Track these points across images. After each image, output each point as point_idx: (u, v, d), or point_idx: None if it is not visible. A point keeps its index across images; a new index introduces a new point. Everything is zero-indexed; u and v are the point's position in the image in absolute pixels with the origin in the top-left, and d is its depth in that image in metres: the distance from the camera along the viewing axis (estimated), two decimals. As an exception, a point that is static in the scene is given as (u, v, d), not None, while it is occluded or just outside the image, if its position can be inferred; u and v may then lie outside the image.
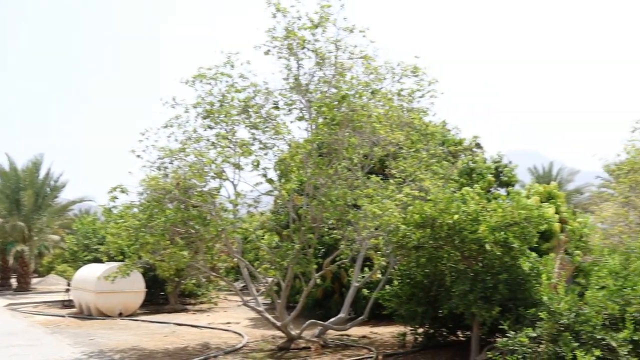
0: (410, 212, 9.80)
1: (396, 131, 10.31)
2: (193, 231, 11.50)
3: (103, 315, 17.63)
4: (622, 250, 10.01)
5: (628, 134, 13.69)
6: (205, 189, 11.48)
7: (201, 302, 21.10)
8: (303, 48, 11.13)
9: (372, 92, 10.89)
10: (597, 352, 7.33)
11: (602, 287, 8.46)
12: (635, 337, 7.64)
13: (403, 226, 9.72)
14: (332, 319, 12.78)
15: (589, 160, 15.77)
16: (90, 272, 18.63)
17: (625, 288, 8.21)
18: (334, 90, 10.89)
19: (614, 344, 7.52)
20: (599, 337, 7.64)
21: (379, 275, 13.12)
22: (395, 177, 11.86)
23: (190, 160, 11.48)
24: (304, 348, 12.08)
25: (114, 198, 11.59)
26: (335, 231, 11.77)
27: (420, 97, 12.26)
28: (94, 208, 33.83)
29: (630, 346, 7.58)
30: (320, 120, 10.67)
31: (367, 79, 11.18)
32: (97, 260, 19.44)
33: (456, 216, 9.10)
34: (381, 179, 11.98)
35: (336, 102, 10.09)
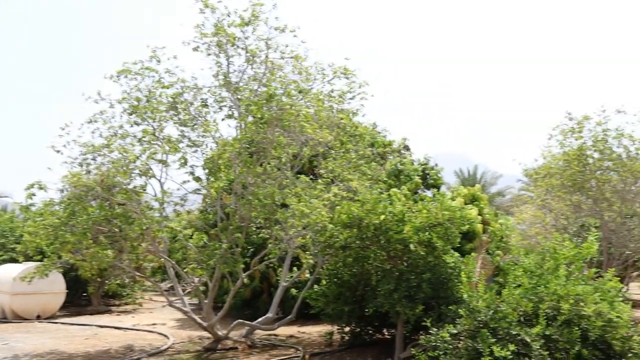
0: (337, 212, 9.91)
1: (324, 131, 10.38)
2: (117, 230, 11.14)
3: (19, 318, 16.75)
4: (539, 250, 10.51)
5: (545, 140, 14.40)
6: (130, 187, 11.15)
7: (126, 303, 20.48)
8: (233, 45, 11.03)
9: (300, 91, 10.90)
10: (512, 347, 7.66)
11: (519, 286, 8.86)
12: (547, 332, 8.05)
13: (330, 226, 9.81)
14: (260, 319, 12.74)
15: (511, 164, 16.49)
16: (5, 273, 17.65)
17: (539, 286, 8.62)
18: (264, 88, 10.85)
19: (527, 339, 7.88)
20: (514, 332, 7.99)
21: (308, 275, 13.20)
22: (324, 177, 11.95)
23: (114, 157, 11.12)
24: (231, 348, 11.98)
25: (32, 195, 11.05)
26: (263, 230, 11.74)
27: (351, 98, 12.39)
28: (11, 205, 32.20)
29: (543, 341, 7.97)
30: (250, 119, 10.61)
31: (297, 78, 11.20)
32: (13, 260, 18.49)
33: (382, 217, 9.27)
34: (310, 179, 12.05)
35: (265, 101, 10.05)
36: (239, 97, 11.09)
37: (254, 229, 12.30)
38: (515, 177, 31.37)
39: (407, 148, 17.70)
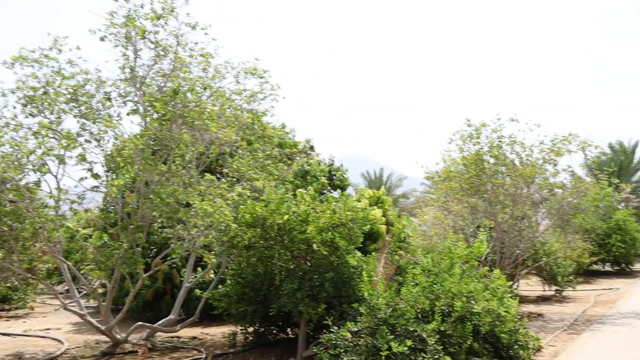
0: (242, 212, 9.85)
1: (229, 130, 10.28)
2: (6, 229, 10.46)
3: None
4: (438, 250, 11.00)
5: (446, 145, 15.05)
6: (23, 183, 10.50)
7: (17, 308, 19.23)
8: (143, 38, 10.68)
9: (205, 88, 10.72)
10: (409, 343, 7.96)
11: (417, 284, 9.24)
12: (442, 328, 8.44)
13: (234, 225, 9.74)
14: (162, 321, 12.42)
15: (415, 167, 17.10)
16: None
17: (435, 284, 9.03)
18: (171, 84, 10.58)
19: (424, 334, 8.23)
20: (411, 329, 8.31)
21: (212, 275, 13.01)
22: (229, 177, 11.85)
23: (5, 151, 10.42)
24: (131, 352, 11.58)
25: None
26: (165, 230, 11.45)
27: (262, 99, 12.36)
28: None
29: (438, 336, 8.35)
30: (154, 115, 10.31)
31: (205, 75, 11.01)
32: None
33: (286, 216, 9.33)
34: (217, 178, 11.89)
35: (169, 97, 9.79)
36: (145, 92, 10.75)
37: (156, 228, 11.96)
38: (420, 179, 32.55)
39: (312, 148, 17.89)
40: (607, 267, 28.80)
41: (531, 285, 21.72)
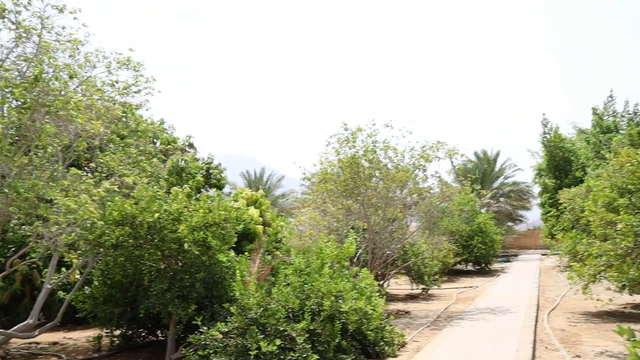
0: (110, 209, 9.39)
1: (97, 122, 9.72)
2: None
3: None
4: (312, 250, 11.19)
5: (323, 147, 15.36)
6: None
7: None
8: (1, 17, 9.81)
9: (72, 76, 10.08)
10: (278, 342, 8.03)
11: (288, 284, 9.35)
12: (312, 327, 8.60)
13: (101, 223, 9.25)
14: (18, 326, 11.49)
15: (296, 168, 17.26)
16: None
17: (306, 284, 9.18)
18: (33, 70, 9.80)
19: (293, 334, 8.34)
20: (281, 328, 8.38)
21: (78, 276, 12.27)
22: (98, 172, 11.24)
23: None
24: (-21, 361, 10.66)
25: None
26: (24, 227, 10.62)
27: (136, 92, 11.84)
28: None
29: (307, 335, 8.49)
30: (14, 102, 9.50)
31: (73, 62, 10.34)
32: None
33: (157, 215, 9.03)
34: (85, 173, 11.22)
35: (30, 84, 9.07)
36: (2, 76, 9.87)
37: (13, 225, 11.05)
38: (300, 180, 32.94)
39: (191, 146, 17.53)
40: (470, 267, 30.90)
41: (400, 285, 22.79)
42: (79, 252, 10.88)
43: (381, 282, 18.07)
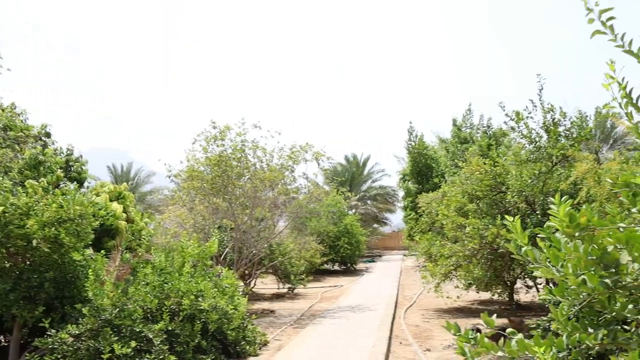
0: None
1: None
2: None
3: None
4: (176, 249, 10.88)
5: (190, 145, 15.04)
6: None
7: None
8: None
9: None
10: (134, 344, 7.73)
11: (148, 283, 9.03)
12: (170, 327, 8.38)
13: None
14: None
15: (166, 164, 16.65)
16: None
17: (166, 283, 8.93)
18: None
19: (150, 335, 8.07)
20: (138, 329, 8.08)
21: None
22: None
23: None
24: None
25: None
26: None
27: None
28: None
29: (165, 336, 8.25)
30: None
31: None
32: None
33: (2, 208, 8.31)
34: None
35: None
36: None
37: None
38: (166, 177, 31.95)
39: (48, 135, 16.31)
40: (336, 267, 31.82)
41: (267, 284, 22.92)
42: None
43: (248, 281, 18.06)
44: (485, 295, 16.47)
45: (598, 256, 2.65)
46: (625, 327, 2.86)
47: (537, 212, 11.56)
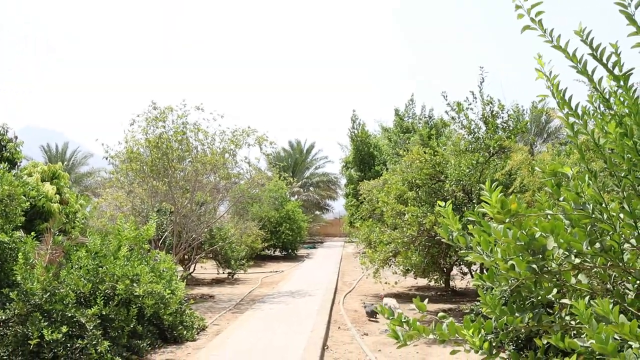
0: None
1: None
2: None
3: None
4: (112, 232, 10.59)
5: (128, 125, 14.59)
6: None
7: None
8: None
9: None
10: (65, 329, 7.50)
11: (82, 267, 8.76)
12: (104, 312, 8.17)
13: None
14: None
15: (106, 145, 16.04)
16: None
17: (101, 267, 8.69)
18: None
19: (83, 320, 7.84)
20: (69, 314, 7.84)
21: None
22: None
23: None
24: None
25: None
26: None
27: None
28: None
29: (99, 321, 8.05)
30: None
31: None
32: None
33: None
34: None
35: None
36: None
37: None
38: (104, 159, 31.01)
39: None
40: (277, 252, 31.84)
41: (207, 269, 22.69)
42: None
43: (187, 266, 17.82)
44: (423, 282, 16.88)
45: (526, 242, 2.74)
46: (549, 310, 2.98)
47: (474, 201, 11.90)
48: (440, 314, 3.09)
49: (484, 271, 3.16)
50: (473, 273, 14.44)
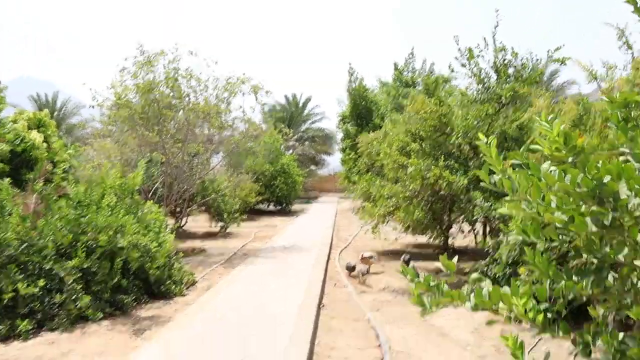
0: None
1: None
2: None
3: None
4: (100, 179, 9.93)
5: (117, 71, 13.71)
6: None
7: None
8: None
9: None
10: (42, 283, 6.97)
11: (63, 217, 8.16)
12: (86, 265, 7.63)
13: None
14: None
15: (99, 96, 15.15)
16: None
17: (83, 217, 8.10)
18: None
19: (62, 273, 7.31)
20: (47, 267, 7.30)
21: None
22: None
23: None
24: None
25: None
26: None
27: None
28: None
29: (80, 274, 7.52)
30: None
31: None
32: None
33: None
34: None
35: None
36: None
37: None
38: (92, 107, 30.12)
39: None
40: (271, 207, 31.35)
41: (199, 222, 22.20)
42: None
43: (178, 218, 17.29)
44: (421, 239, 16.41)
45: (591, 188, 2.14)
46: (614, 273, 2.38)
47: (481, 156, 11.27)
48: (474, 275, 2.50)
49: (490, 230, 2.55)
50: (474, 231, 13.91)
